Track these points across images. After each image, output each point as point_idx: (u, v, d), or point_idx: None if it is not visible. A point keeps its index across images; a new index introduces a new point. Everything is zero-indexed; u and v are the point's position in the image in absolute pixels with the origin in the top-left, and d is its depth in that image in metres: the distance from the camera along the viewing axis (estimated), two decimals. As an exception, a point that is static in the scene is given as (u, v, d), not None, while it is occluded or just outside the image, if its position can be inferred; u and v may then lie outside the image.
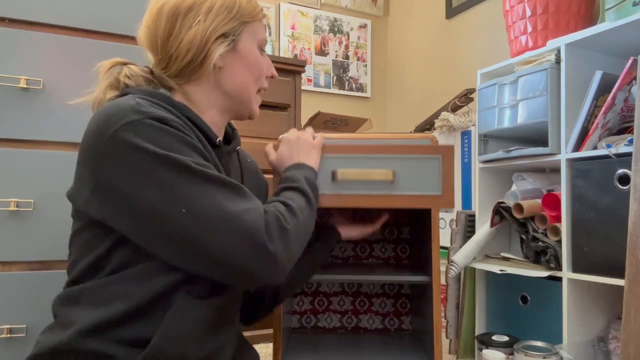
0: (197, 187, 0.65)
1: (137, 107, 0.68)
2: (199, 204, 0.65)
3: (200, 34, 0.76)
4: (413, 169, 0.92)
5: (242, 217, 0.65)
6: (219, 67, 0.80)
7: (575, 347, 1.27)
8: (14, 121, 1.12)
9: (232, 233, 0.65)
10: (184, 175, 0.65)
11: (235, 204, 0.67)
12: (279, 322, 1.09)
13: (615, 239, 1.17)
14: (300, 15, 2.82)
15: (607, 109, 1.24)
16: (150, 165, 0.65)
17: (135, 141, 0.65)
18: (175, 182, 0.65)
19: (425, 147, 0.93)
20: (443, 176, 0.92)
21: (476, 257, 1.59)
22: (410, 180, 0.92)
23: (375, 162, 0.93)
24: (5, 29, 1.12)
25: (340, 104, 2.89)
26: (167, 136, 0.67)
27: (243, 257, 0.65)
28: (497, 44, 2.15)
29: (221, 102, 0.83)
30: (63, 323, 0.71)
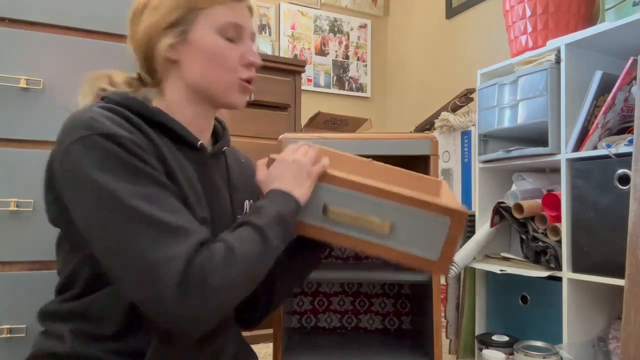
0: (123, 226, 0.62)
1: (89, 121, 0.66)
2: (119, 243, 0.62)
3: (146, 29, 0.74)
4: (415, 224, 0.79)
5: (158, 268, 0.61)
6: (175, 61, 0.75)
7: (575, 347, 1.27)
8: (14, 121, 1.12)
9: (143, 283, 0.61)
10: (113, 210, 0.62)
11: (158, 250, 0.61)
12: (279, 322, 1.09)
13: (615, 239, 1.17)
14: (300, 15, 2.82)
15: (607, 109, 1.24)
16: (87, 192, 0.64)
17: (79, 163, 0.64)
18: (103, 216, 0.63)
19: (437, 205, 0.77)
20: (446, 241, 0.78)
21: (476, 257, 1.59)
22: (408, 235, 0.79)
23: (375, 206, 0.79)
24: (5, 29, 1.12)
25: (340, 104, 2.89)
26: (110, 159, 0.64)
27: (151, 309, 0.62)
28: (497, 44, 2.15)
29: (191, 96, 0.78)
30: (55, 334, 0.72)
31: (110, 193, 0.62)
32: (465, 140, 1.96)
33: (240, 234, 0.69)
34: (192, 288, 0.61)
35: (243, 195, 0.89)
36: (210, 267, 0.63)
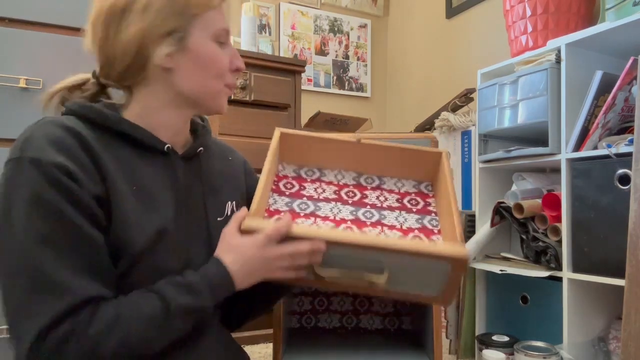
0: (8, 265, 0.61)
1: (25, 142, 0.65)
2: (5, 282, 0.61)
3: (138, 35, 0.69)
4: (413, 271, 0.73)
5: (16, 320, 0.60)
6: (168, 69, 0.72)
7: (575, 347, 1.27)
8: (14, 121, 1.12)
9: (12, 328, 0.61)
10: (8, 243, 0.61)
11: (22, 303, 0.60)
12: (279, 322, 1.09)
13: (615, 239, 1.17)
14: (300, 15, 2.82)
15: (608, 108, 1.24)
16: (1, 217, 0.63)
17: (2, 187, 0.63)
18: (4, 248, 0.62)
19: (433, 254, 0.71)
20: (448, 283, 0.74)
21: (476, 257, 1.59)
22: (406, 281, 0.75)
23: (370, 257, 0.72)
24: (5, 29, 1.12)
25: (340, 104, 2.89)
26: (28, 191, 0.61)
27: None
28: (497, 44, 2.15)
29: (176, 102, 0.75)
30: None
31: (12, 223, 0.61)
32: (466, 140, 1.96)
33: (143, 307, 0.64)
34: (47, 353, 0.59)
35: (226, 197, 0.84)
36: (77, 337, 0.60)
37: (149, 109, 0.74)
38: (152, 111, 0.74)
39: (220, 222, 0.79)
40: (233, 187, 0.87)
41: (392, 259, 0.71)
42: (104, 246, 0.64)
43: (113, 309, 0.63)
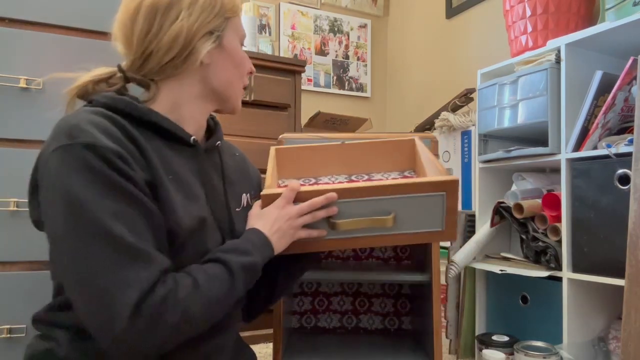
0: (86, 244, 0.61)
1: (73, 129, 0.65)
2: (78, 261, 0.61)
3: (186, 29, 0.73)
4: (415, 208, 0.82)
5: (111, 293, 0.59)
6: (206, 64, 0.78)
7: (575, 347, 1.27)
8: (14, 121, 1.12)
9: (92, 305, 0.61)
10: (81, 226, 0.61)
11: (114, 274, 0.60)
12: (279, 322, 1.09)
13: (615, 239, 1.17)
14: (300, 15, 2.81)
15: (607, 108, 1.24)
16: (59, 203, 0.63)
17: (58, 173, 0.63)
18: (70, 230, 0.62)
19: (429, 184, 0.80)
20: (447, 212, 0.82)
21: (476, 257, 1.59)
22: (411, 219, 0.83)
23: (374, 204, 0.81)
24: (5, 29, 1.12)
25: (340, 104, 2.89)
26: (88, 170, 0.62)
27: (94, 330, 0.62)
28: (497, 44, 2.15)
29: (204, 96, 0.80)
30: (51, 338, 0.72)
31: (81, 206, 0.61)
32: (465, 140, 1.95)
33: (210, 271, 0.69)
34: (146, 320, 0.60)
35: (240, 189, 0.89)
36: (172, 301, 0.62)
37: (179, 102, 0.78)
38: (181, 104, 0.78)
39: (239, 212, 0.85)
40: (245, 179, 0.93)
41: (393, 200, 0.80)
42: (162, 222, 0.68)
43: (187, 275, 0.67)
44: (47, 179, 0.65)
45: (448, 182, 0.80)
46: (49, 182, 0.64)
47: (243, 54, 0.83)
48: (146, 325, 0.60)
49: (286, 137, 1.16)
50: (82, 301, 0.62)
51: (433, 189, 0.80)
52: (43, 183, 0.66)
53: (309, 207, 0.79)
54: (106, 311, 0.59)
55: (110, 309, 0.59)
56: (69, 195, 0.62)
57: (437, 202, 0.81)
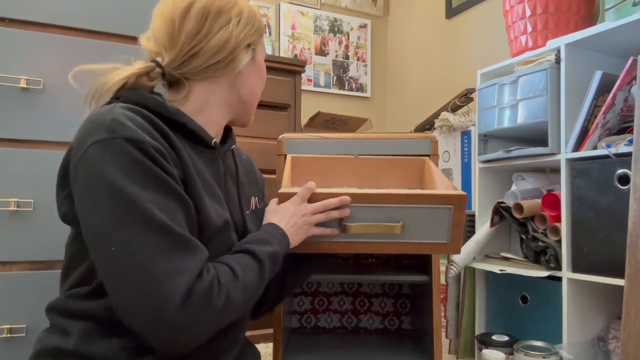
0: (135, 233, 0.61)
1: (112, 123, 0.65)
2: (127, 250, 0.61)
3: (234, 38, 0.78)
4: (422, 218, 0.86)
5: (162, 280, 0.60)
6: (239, 73, 0.83)
7: (575, 347, 1.27)
8: (14, 121, 1.12)
9: (142, 294, 0.61)
10: (128, 215, 0.62)
11: (165, 262, 0.61)
12: (279, 322, 1.09)
13: (615, 239, 1.17)
14: (300, 15, 2.82)
15: (607, 109, 1.24)
16: (104, 194, 0.63)
17: (99, 165, 0.63)
18: (117, 219, 0.62)
19: (437, 196, 0.85)
20: (452, 225, 0.87)
21: (476, 257, 1.59)
22: (418, 229, 0.87)
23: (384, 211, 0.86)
24: (5, 29, 1.12)
25: (340, 104, 2.89)
26: (131, 163, 0.63)
27: (144, 318, 0.61)
28: (497, 44, 2.15)
29: (230, 103, 0.84)
30: (60, 330, 0.72)
31: (127, 196, 0.62)
32: (465, 140, 1.96)
33: (242, 261, 0.72)
34: (196, 305, 0.62)
35: (250, 192, 0.92)
36: (217, 287, 0.65)
37: (207, 104, 0.81)
38: (209, 107, 0.81)
39: (249, 215, 0.88)
40: (254, 183, 0.96)
41: (403, 210, 0.85)
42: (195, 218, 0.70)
43: (224, 264, 0.70)
44: (85, 171, 0.65)
45: (456, 196, 0.84)
46: (88, 174, 0.64)
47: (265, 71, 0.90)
48: (196, 310, 0.62)
49: (286, 137, 1.16)
50: (130, 291, 0.61)
51: (441, 201, 0.84)
52: (80, 175, 0.65)
53: (324, 207, 0.84)
54: (158, 298, 0.60)
55: (162, 296, 0.60)
56: (113, 186, 0.62)
57: (444, 214, 0.85)
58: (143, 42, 0.81)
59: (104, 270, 0.65)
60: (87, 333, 0.69)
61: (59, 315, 0.73)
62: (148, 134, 0.67)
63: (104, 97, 0.75)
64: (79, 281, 0.73)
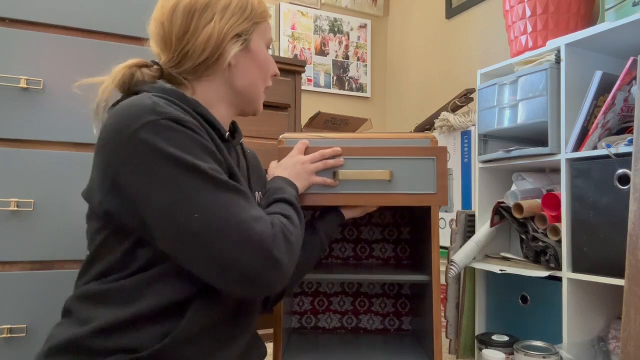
0: (211, 194, 0.66)
1: (154, 106, 0.68)
2: (211, 210, 0.65)
3: (217, 32, 0.77)
4: (409, 169, 0.97)
5: (252, 225, 0.66)
6: (232, 65, 0.82)
7: (575, 347, 1.27)
8: (14, 121, 1.12)
9: (243, 240, 0.65)
10: (198, 180, 0.66)
11: (245, 211, 0.68)
12: (279, 322, 1.09)
13: (615, 239, 1.17)
14: (300, 15, 2.82)
15: (607, 109, 1.24)
16: (167, 168, 0.65)
17: (154, 142, 0.66)
18: (190, 187, 0.65)
19: (421, 148, 0.97)
20: (438, 175, 0.97)
21: (476, 257, 1.59)
22: (406, 180, 0.97)
23: (374, 162, 0.98)
24: (5, 29, 1.12)
25: (340, 104, 2.89)
26: (184, 138, 0.68)
27: (251, 264, 0.65)
28: (497, 44, 2.15)
29: (230, 98, 0.84)
30: (81, 320, 0.71)
31: (192, 166, 0.66)
32: (465, 140, 1.96)
33: (281, 207, 0.80)
34: (281, 241, 0.69)
35: (254, 186, 0.94)
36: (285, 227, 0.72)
37: (209, 102, 0.81)
38: (213, 105, 0.82)
39: None
40: (260, 178, 0.98)
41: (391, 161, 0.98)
42: None
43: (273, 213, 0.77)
44: (139, 154, 0.66)
45: (438, 148, 0.99)
46: (145, 156, 0.66)
47: (268, 57, 0.87)
48: (284, 247, 0.69)
49: (286, 137, 1.16)
50: (229, 245, 0.65)
51: (425, 153, 0.98)
52: (133, 159, 0.66)
53: (320, 156, 0.97)
54: (258, 242, 0.66)
55: (259, 240, 0.66)
56: (177, 160, 0.65)
57: (428, 165, 0.97)
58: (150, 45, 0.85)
59: (186, 241, 0.66)
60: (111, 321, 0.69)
61: (87, 304, 0.72)
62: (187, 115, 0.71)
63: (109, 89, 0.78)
64: (106, 271, 0.73)
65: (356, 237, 1.38)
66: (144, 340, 0.68)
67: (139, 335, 0.68)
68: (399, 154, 0.98)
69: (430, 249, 1.10)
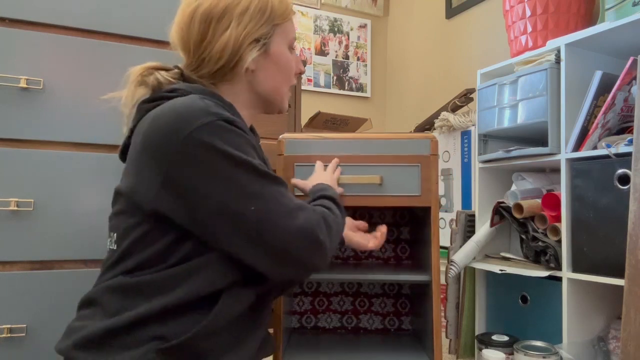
0: (264, 188, 0.72)
1: (207, 108, 0.71)
2: (266, 202, 0.71)
3: (234, 38, 0.78)
4: (397, 175, 1.11)
5: (300, 213, 0.73)
6: (252, 70, 0.82)
7: (575, 347, 1.27)
8: (14, 121, 1.12)
9: (295, 227, 0.71)
10: (252, 175, 0.71)
11: (292, 201, 0.74)
12: (279, 322, 1.09)
13: (615, 239, 1.17)
14: (300, 15, 2.82)
15: (607, 109, 1.24)
16: (226, 166, 0.69)
17: (212, 142, 0.69)
18: (246, 182, 0.70)
19: (407, 157, 1.11)
20: (422, 180, 1.10)
21: (476, 257, 1.59)
22: (395, 184, 1.10)
23: (367, 169, 1.11)
24: (5, 29, 1.12)
25: (340, 104, 2.89)
26: (237, 138, 0.71)
27: (302, 248, 0.72)
28: (497, 44, 2.15)
29: (252, 101, 0.86)
30: (112, 311, 0.72)
31: (247, 163, 0.71)
32: (465, 140, 1.96)
33: (324, 202, 0.85)
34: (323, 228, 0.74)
35: None
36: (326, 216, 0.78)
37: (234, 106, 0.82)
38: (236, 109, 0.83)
39: None
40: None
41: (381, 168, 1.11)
42: None
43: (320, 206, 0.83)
44: (200, 153, 0.69)
45: (423, 157, 1.12)
46: (204, 155, 0.69)
47: (290, 57, 0.87)
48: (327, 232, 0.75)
49: (286, 137, 1.16)
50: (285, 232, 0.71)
51: (410, 160, 1.11)
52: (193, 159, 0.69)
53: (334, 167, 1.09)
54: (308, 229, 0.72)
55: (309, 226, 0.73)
56: (232, 156, 0.70)
57: (414, 171, 1.11)
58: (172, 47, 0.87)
59: (243, 231, 0.70)
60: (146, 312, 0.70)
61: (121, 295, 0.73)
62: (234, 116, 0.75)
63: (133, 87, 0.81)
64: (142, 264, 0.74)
65: (356, 237, 1.38)
66: (175, 329, 0.70)
67: (172, 325, 0.70)
68: (389, 162, 1.11)
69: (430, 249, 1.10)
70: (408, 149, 1.13)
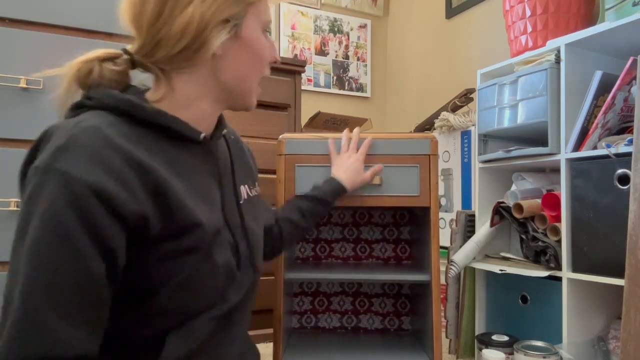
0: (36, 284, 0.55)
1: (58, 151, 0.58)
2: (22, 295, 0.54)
3: (198, 16, 0.65)
4: (397, 176, 1.13)
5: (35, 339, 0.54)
6: (218, 56, 0.69)
7: (575, 347, 1.27)
8: (14, 121, 1.12)
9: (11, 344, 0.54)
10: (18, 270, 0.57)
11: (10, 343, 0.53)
12: (279, 322, 1.09)
13: (615, 239, 1.17)
14: (300, 15, 2.82)
15: (607, 109, 1.24)
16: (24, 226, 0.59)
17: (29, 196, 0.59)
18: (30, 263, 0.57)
19: (407, 157, 1.13)
20: (421, 180, 1.13)
21: (476, 257, 1.59)
22: (395, 184, 1.13)
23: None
24: (5, 29, 1.12)
25: (340, 104, 2.89)
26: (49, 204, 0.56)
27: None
28: (497, 44, 2.15)
29: (215, 93, 0.72)
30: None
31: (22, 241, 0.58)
32: (465, 140, 1.96)
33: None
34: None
35: (241, 180, 0.84)
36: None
37: (192, 97, 0.71)
38: (195, 100, 0.71)
39: (245, 205, 0.81)
40: (244, 170, 0.88)
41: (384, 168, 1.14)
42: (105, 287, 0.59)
43: None
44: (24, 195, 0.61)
45: (421, 157, 1.13)
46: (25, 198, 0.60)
47: (264, 43, 0.74)
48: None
49: (286, 137, 1.16)
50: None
51: (410, 161, 1.13)
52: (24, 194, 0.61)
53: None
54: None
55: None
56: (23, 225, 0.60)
57: (413, 172, 1.13)
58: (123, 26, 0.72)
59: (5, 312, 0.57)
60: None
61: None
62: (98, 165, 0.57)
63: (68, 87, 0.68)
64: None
65: (356, 237, 1.38)
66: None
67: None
68: (389, 162, 1.13)
69: (430, 249, 1.10)
70: (408, 149, 1.13)
